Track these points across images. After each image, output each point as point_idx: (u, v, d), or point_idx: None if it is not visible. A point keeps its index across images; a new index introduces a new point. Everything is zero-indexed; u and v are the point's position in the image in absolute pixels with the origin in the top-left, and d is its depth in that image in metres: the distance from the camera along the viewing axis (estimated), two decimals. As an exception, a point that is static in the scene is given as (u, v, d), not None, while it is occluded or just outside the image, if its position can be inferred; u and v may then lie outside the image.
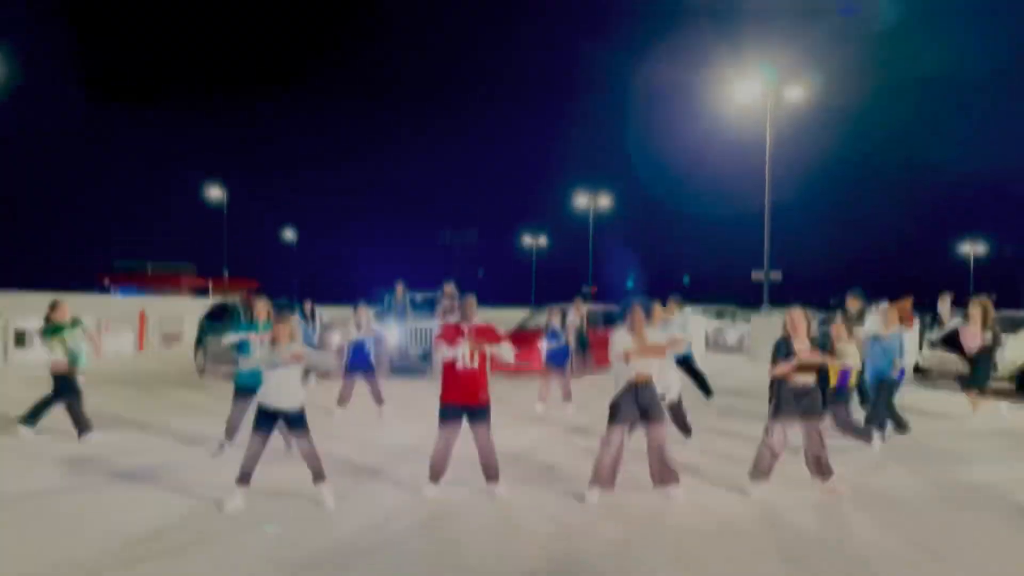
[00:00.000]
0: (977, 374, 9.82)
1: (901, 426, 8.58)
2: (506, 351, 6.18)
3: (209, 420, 8.95)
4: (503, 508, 5.91)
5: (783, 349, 6.34)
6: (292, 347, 5.90)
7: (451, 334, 6.14)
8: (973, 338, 9.66)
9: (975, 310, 9.72)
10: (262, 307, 7.59)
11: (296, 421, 5.95)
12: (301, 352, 5.90)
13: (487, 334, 6.21)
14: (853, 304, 9.17)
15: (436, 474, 6.17)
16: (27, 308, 28.15)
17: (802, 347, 6.31)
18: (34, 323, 20.66)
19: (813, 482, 6.43)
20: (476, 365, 6.10)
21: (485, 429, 6.16)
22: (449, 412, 6.15)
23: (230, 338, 7.54)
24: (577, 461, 7.26)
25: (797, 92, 23.06)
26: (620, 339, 6.15)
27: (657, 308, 8.30)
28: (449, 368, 6.14)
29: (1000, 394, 13.26)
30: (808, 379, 6.29)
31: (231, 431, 7.56)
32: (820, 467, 6.37)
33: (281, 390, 5.88)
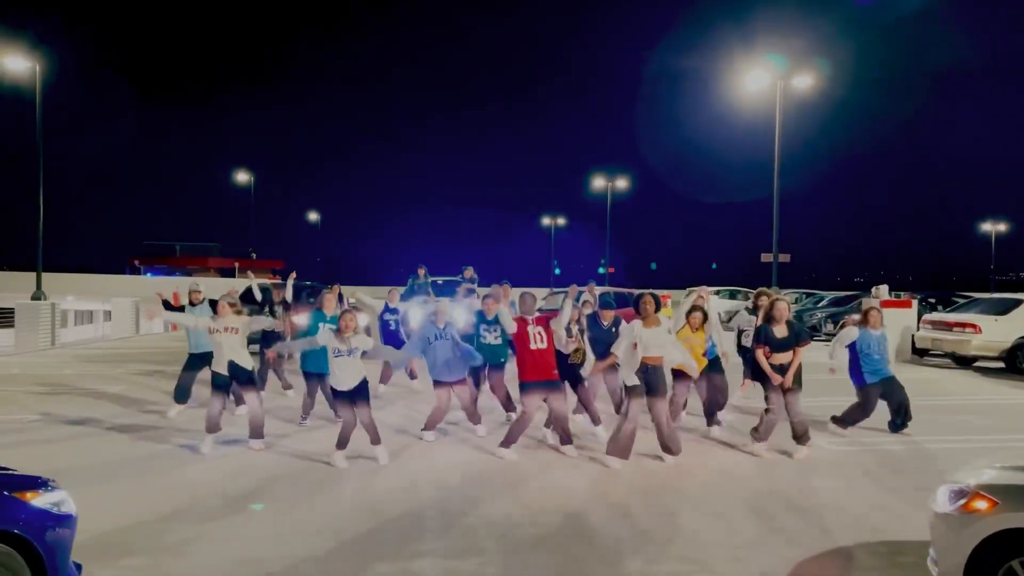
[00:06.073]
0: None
1: None
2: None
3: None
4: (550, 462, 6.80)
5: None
6: (357, 337, 6.80)
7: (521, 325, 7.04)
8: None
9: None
10: (330, 300, 8.38)
11: (359, 395, 6.88)
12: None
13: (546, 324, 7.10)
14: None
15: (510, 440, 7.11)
16: (67, 290, 29.35)
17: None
18: (78, 304, 21.69)
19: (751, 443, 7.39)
20: (545, 346, 7.03)
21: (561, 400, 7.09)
22: (530, 388, 7.01)
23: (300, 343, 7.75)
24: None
25: (807, 80, 23.52)
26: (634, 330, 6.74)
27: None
28: (524, 350, 7.01)
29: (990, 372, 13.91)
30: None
31: (306, 409, 8.60)
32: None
33: (346, 375, 6.80)
